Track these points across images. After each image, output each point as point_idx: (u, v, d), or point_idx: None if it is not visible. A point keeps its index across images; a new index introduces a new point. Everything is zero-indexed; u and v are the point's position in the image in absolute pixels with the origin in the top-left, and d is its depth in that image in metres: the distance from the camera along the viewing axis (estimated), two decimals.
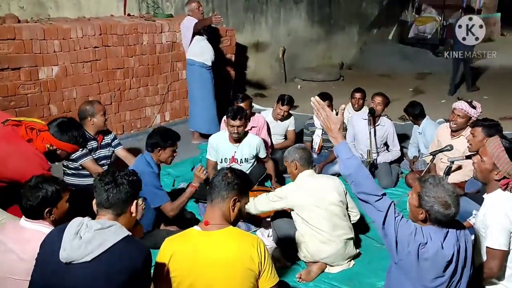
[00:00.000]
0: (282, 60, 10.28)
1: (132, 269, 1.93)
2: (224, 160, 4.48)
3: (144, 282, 2.03)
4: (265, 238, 3.78)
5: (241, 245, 2.18)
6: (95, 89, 5.87)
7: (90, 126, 4.19)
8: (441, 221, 2.25)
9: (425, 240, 2.24)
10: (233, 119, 4.28)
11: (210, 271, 2.13)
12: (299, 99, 8.26)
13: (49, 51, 5.29)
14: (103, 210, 2.10)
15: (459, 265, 2.32)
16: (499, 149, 2.57)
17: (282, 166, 5.22)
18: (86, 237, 1.91)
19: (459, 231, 2.35)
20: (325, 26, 11.46)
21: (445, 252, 2.25)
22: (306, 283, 3.36)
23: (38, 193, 2.39)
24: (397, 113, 7.25)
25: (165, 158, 3.69)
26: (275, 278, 2.25)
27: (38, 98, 5.26)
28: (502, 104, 8.29)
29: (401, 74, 11.27)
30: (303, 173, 3.49)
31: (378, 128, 5.19)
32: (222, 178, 2.30)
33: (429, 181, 2.28)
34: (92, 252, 1.88)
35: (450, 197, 2.21)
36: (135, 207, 2.17)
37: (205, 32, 6.04)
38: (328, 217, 3.37)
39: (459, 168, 4.31)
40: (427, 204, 2.24)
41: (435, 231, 2.28)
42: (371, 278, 3.39)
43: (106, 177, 2.13)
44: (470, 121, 4.37)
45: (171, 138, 3.68)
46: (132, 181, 2.16)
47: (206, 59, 6.02)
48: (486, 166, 2.63)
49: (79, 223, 1.97)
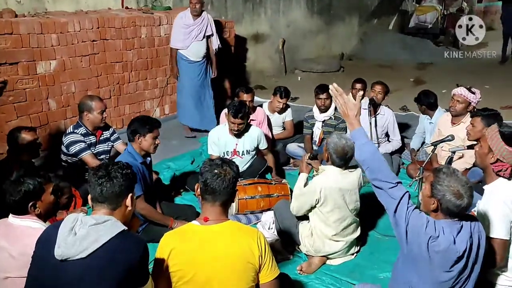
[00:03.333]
0: (282, 51, 10.22)
1: (128, 264, 1.91)
2: (226, 153, 4.46)
3: (142, 276, 2.00)
4: (266, 231, 3.77)
5: (241, 239, 2.16)
6: (94, 83, 5.84)
7: (86, 121, 4.18)
8: (452, 212, 2.21)
9: (437, 234, 2.20)
10: (234, 117, 4.25)
11: (210, 266, 2.11)
12: (299, 91, 8.24)
13: (47, 45, 5.24)
14: (98, 205, 2.07)
15: (470, 261, 2.28)
16: (494, 131, 2.61)
17: (283, 158, 5.25)
18: (81, 233, 1.89)
19: (473, 226, 2.30)
20: (325, 17, 11.39)
21: (457, 247, 2.21)
22: (307, 275, 3.35)
23: (20, 188, 2.37)
24: (398, 104, 7.23)
25: (147, 146, 3.62)
26: (275, 271, 2.23)
27: (37, 92, 5.22)
28: (503, 93, 8.26)
29: (402, 64, 11.22)
30: (332, 167, 3.37)
31: (379, 118, 5.16)
32: (221, 179, 2.18)
33: (443, 171, 2.26)
34: (87, 249, 1.86)
35: (463, 188, 2.18)
36: (130, 200, 2.13)
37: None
38: (343, 218, 3.36)
39: (460, 157, 4.30)
40: (439, 193, 2.21)
41: (449, 225, 2.24)
42: (373, 270, 3.39)
43: (99, 171, 2.10)
44: (469, 107, 4.39)
45: (149, 124, 3.61)
46: (126, 174, 2.13)
47: (189, 54, 6.04)
48: (483, 150, 2.65)
49: (74, 219, 1.95)
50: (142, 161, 3.64)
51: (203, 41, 6.08)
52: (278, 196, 4.12)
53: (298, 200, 3.42)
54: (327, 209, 3.32)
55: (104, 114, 4.24)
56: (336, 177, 3.32)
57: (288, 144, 5.44)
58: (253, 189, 4.17)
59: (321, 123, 5.25)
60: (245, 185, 4.18)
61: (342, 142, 3.29)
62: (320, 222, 3.38)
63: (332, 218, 3.34)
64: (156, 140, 3.66)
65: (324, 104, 5.14)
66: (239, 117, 4.23)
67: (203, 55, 6.12)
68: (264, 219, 3.94)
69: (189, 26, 5.96)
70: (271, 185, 4.26)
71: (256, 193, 4.15)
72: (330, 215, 3.33)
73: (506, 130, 2.60)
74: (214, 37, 6.18)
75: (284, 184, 4.32)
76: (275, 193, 4.18)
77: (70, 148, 4.09)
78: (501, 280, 2.63)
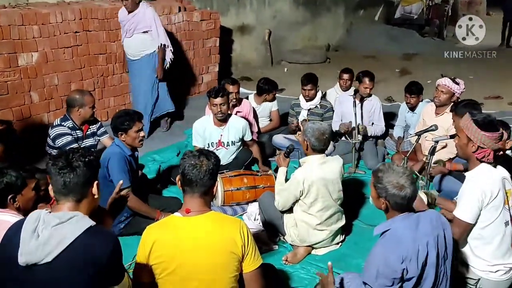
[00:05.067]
0: (268, 42, 10.19)
1: (98, 262, 1.80)
2: (211, 145, 4.44)
3: (115, 273, 1.92)
4: (252, 222, 3.78)
5: (223, 229, 2.16)
6: (77, 75, 5.77)
7: (77, 116, 4.13)
8: (402, 204, 2.23)
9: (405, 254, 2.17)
10: (215, 97, 4.23)
11: (193, 256, 2.11)
12: (286, 82, 8.23)
13: (28, 37, 5.17)
14: (62, 198, 1.91)
15: (440, 255, 2.28)
16: (468, 120, 2.65)
17: (269, 149, 5.26)
18: (43, 236, 1.77)
19: (434, 218, 2.31)
20: (310, 8, 11.35)
21: (420, 237, 2.21)
22: (292, 265, 3.37)
23: (1, 179, 2.34)
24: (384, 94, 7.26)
25: (132, 141, 3.60)
26: (258, 260, 2.24)
27: (19, 85, 5.15)
28: (487, 84, 8.35)
29: (388, 55, 11.25)
30: (313, 157, 3.38)
31: (366, 103, 5.16)
32: (197, 169, 2.17)
33: (379, 169, 2.30)
34: (51, 252, 1.75)
35: (402, 178, 2.21)
36: (96, 189, 1.99)
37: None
38: (326, 207, 3.38)
39: (444, 146, 4.34)
40: (383, 192, 2.24)
41: (404, 217, 2.25)
42: (358, 259, 3.41)
43: (59, 161, 1.90)
44: (453, 97, 4.44)
45: (129, 119, 3.57)
46: (89, 162, 1.95)
47: (127, 51, 5.70)
48: (463, 141, 2.69)
49: (36, 218, 1.83)
50: (130, 154, 3.63)
51: (135, 38, 5.51)
52: (264, 188, 4.12)
53: (282, 195, 3.40)
54: (310, 200, 3.33)
55: (94, 108, 4.22)
56: (317, 167, 3.33)
57: (274, 136, 5.45)
58: (238, 180, 4.17)
59: (306, 111, 5.27)
60: (230, 176, 4.18)
61: (317, 125, 3.38)
62: (303, 212, 3.39)
63: (315, 208, 3.35)
64: (139, 133, 3.64)
65: (308, 95, 5.18)
66: (220, 95, 4.23)
67: (140, 52, 5.59)
68: (250, 210, 3.95)
69: (122, 22, 5.56)
70: (257, 177, 4.27)
71: (241, 184, 4.14)
72: (313, 205, 3.34)
73: (478, 117, 2.65)
74: (154, 33, 5.53)
75: (270, 176, 4.33)
76: (261, 185, 4.18)
77: (56, 141, 4.04)
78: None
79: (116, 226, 3.61)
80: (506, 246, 2.69)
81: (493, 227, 2.64)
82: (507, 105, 7.24)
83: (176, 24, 6.88)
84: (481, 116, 2.67)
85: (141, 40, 5.54)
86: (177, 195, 4.21)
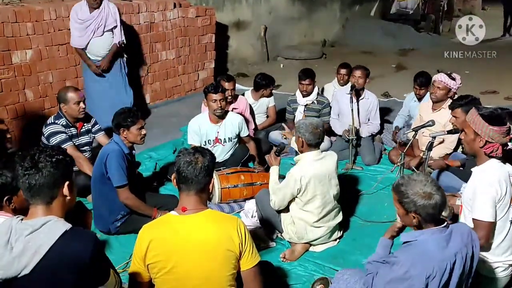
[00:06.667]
0: (264, 38, 10.16)
1: (81, 263, 1.73)
2: (208, 142, 4.42)
3: (99, 274, 1.85)
4: (249, 219, 3.76)
5: (220, 227, 2.14)
6: (72, 72, 5.73)
7: (64, 112, 4.10)
8: (433, 214, 2.10)
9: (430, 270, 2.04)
10: (215, 93, 4.23)
11: (191, 255, 2.09)
12: (282, 78, 8.21)
13: (22, 34, 5.13)
14: (31, 200, 1.82)
15: (464, 274, 2.18)
16: (474, 115, 2.63)
17: (265, 146, 5.24)
18: (18, 248, 1.69)
19: (466, 235, 2.18)
20: (306, 3, 11.33)
21: (449, 255, 2.10)
22: (290, 262, 3.35)
23: None
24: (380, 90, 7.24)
25: (133, 138, 3.60)
26: (256, 258, 2.22)
27: (13, 83, 5.11)
28: (483, 79, 8.35)
29: (384, 50, 11.25)
30: (308, 154, 3.36)
31: (363, 102, 5.15)
32: (193, 167, 2.16)
33: (400, 183, 2.17)
34: (28, 264, 1.67)
35: (427, 186, 2.10)
36: (67, 189, 1.86)
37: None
38: (324, 204, 3.36)
39: (441, 142, 4.34)
40: (411, 205, 2.10)
41: (435, 231, 2.11)
42: (356, 255, 3.40)
43: (25, 162, 1.79)
44: (450, 93, 4.43)
45: (132, 116, 3.57)
46: (57, 161, 1.82)
47: (90, 53, 5.41)
48: (469, 136, 2.66)
49: (8, 229, 1.73)
50: (128, 152, 3.62)
51: (105, 36, 5.34)
52: (261, 185, 4.10)
53: (278, 194, 3.37)
54: (308, 197, 3.31)
55: (81, 104, 4.10)
56: (313, 164, 3.31)
57: (271, 132, 5.43)
58: (235, 178, 4.15)
59: (303, 107, 5.25)
60: (227, 174, 4.16)
61: (309, 120, 3.39)
62: (299, 210, 3.38)
63: (313, 205, 3.33)
64: (142, 131, 3.64)
65: (306, 90, 5.16)
66: (220, 91, 4.23)
67: (107, 52, 5.41)
68: (247, 208, 3.92)
69: (85, 21, 5.22)
70: (254, 174, 4.25)
71: (239, 181, 4.12)
72: (311, 202, 3.33)
73: (485, 111, 2.63)
74: (117, 30, 5.36)
75: (267, 173, 4.30)
76: (258, 182, 4.15)
77: (50, 139, 4.01)
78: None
79: (112, 225, 3.61)
80: (507, 243, 2.67)
81: (499, 225, 2.62)
82: (503, 100, 7.24)
83: (171, 20, 6.85)
84: (488, 111, 2.63)
85: (107, 39, 5.39)
86: (173, 192, 4.19)
